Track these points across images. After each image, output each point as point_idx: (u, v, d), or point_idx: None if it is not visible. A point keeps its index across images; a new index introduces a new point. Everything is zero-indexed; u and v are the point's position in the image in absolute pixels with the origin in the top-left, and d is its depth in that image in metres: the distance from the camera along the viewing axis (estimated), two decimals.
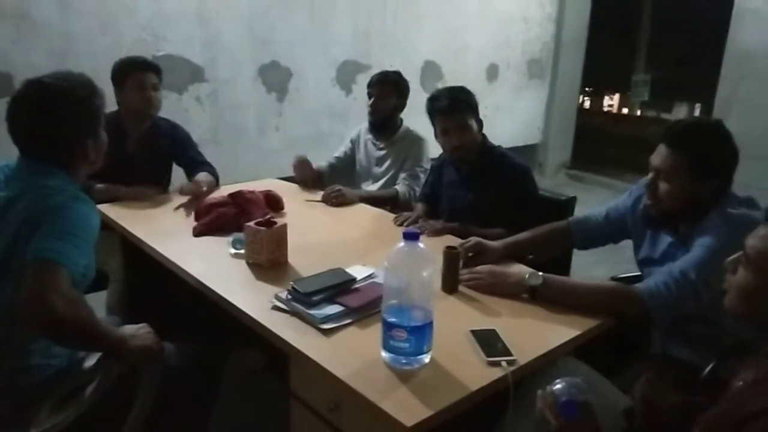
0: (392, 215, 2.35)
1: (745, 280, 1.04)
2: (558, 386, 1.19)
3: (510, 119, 5.84)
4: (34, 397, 1.41)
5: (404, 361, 1.26)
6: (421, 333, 1.25)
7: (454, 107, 2.18)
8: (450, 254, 1.64)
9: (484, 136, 2.29)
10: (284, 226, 1.79)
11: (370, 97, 2.78)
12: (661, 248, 1.70)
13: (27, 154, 1.46)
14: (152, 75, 2.49)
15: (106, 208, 2.25)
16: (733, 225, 1.48)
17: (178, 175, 2.77)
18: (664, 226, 1.65)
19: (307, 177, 2.76)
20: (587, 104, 9.41)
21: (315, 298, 1.48)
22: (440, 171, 2.43)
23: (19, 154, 1.48)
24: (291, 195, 2.55)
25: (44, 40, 3.31)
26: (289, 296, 1.51)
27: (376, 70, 4.68)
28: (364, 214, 2.41)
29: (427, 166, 2.75)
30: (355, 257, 1.82)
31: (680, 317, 1.58)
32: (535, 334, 1.45)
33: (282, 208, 2.32)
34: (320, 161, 3.02)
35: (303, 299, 1.48)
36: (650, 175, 1.61)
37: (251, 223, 1.76)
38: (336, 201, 2.46)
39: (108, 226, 2.22)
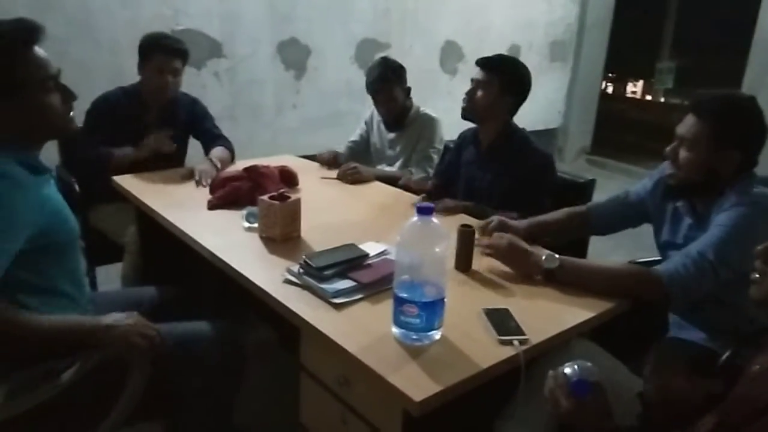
0: (406, 194, 2.32)
1: None
2: (569, 367, 1.17)
3: (530, 102, 5.65)
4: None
5: (415, 337, 1.25)
6: (433, 309, 1.23)
7: (486, 69, 2.19)
8: (464, 233, 1.62)
9: (510, 117, 2.25)
10: (298, 200, 1.78)
11: (375, 100, 2.74)
12: (682, 232, 1.67)
13: None
14: (176, 61, 2.46)
15: (121, 180, 2.26)
16: (751, 204, 1.45)
17: (194, 150, 2.77)
18: (681, 197, 1.61)
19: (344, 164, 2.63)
20: (610, 90, 9.26)
21: (327, 273, 1.47)
22: (460, 149, 2.39)
23: None
24: (307, 172, 2.54)
25: (61, 9, 3.31)
26: (301, 270, 1.50)
27: (395, 50, 4.64)
28: (379, 192, 2.40)
29: (440, 146, 2.72)
30: (369, 234, 1.80)
31: (697, 302, 1.54)
32: (549, 314, 1.43)
33: (297, 183, 2.31)
34: (338, 142, 3.00)
35: (315, 273, 1.47)
36: (674, 142, 1.57)
37: (265, 197, 1.76)
38: (351, 178, 2.44)
39: (123, 197, 2.23)
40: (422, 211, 1.22)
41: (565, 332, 1.37)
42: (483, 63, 2.20)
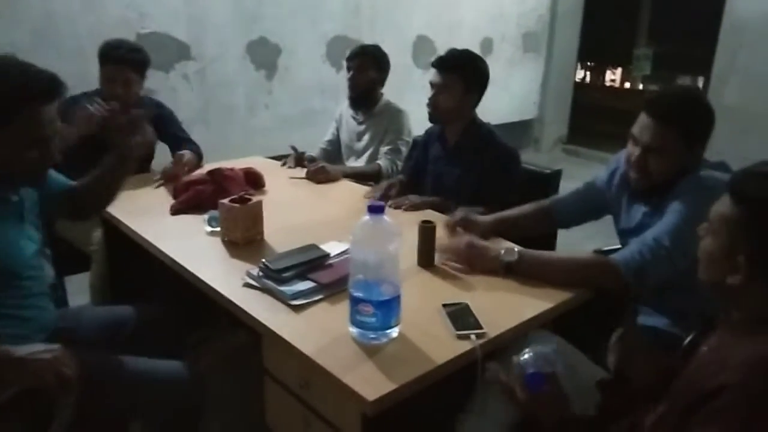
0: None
1: (708, 247, 1.02)
2: (525, 357, 1.18)
3: (505, 94, 5.77)
4: None
5: (371, 336, 1.25)
6: (388, 307, 1.23)
7: (443, 66, 2.16)
8: (425, 229, 1.62)
9: (475, 112, 2.25)
10: (259, 202, 1.77)
11: (349, 71, 2.73)
12: (636, 218, 1.68)
13: None
14: (126, 70, 2.38)
15: None
16: (704, 189, 1.46)
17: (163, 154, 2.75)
18: (653, 197, 1.62)
19: (312, 163, 2.58)
20: (588, 79, 9.29)
21: (286, 275, 1.46)
22: (426, 145, 2.39)
23: None
24: (274, 172, 2.53)
25: (26, 20, 3.27)
26: (261, 273, 1.49)
27: None
28: (346, 190, 2.39)
29: (409, 139, 2.72)
30: (333, 234, 1.79)
31: (659, 288, 1.56)
32: (509, 307, 1.43)
33: (263, 185, 2.29)
34: (312, 141, 2.99)
35: (274, 276, 1.46)
36: (638, 151, 1.55)
37: (226, 200, 1.74)
38: (319, 178, 2.43)
39: None
40: (373, 210, 1.22)
41: (524, 324, 1.38)
42: (441, 65, 2.17)
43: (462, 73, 2.15)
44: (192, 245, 1.75)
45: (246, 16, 4.07)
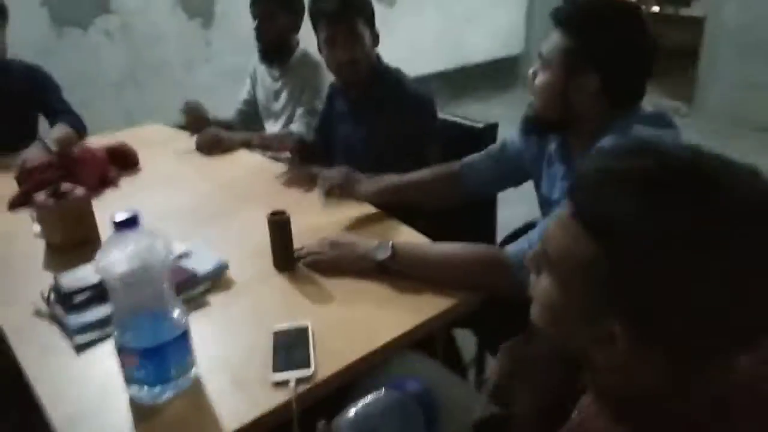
0: (273, 164, 1.95)
1: (548, 292, 0.65)
2: (343, 420, 0.86)
3: (484, 29, 5.23)
4: None
5: (145, 394, 0.92)
6: (161, 356, 0.89)
7: (344, 11, 1.71)
8: (276, 223, 1.26)
9: (378, 55, 1.84)
10: (85, 197, 1.42)
11: (254, 19, 2.28)
12: (557, 184, 1.30)
13: None
14: None
15: None
16: None
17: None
18: (536, 132, 1.29)
19: (202, 131, 2.15)
20: None
21: (78, 299, 1.13)
22: (331, 101, 1.99)
23: None
24: (169, 144, 2.17)
25: None
26: (53, 296, 1.16)
27: None
28: (239, 164, 1.99)
29: None
30: (196, 228, 1.49)
31: None
32: (367, 327, 1.08)
33: (135, 164, 1.93)
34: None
35: (63, 299, 1.13)
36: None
37: (41, 195, 1.40)
38: (211, 149, 2.07)
39: None
40: (123, 225, 0.87)
41: (379, 350, 1.04)
42: (341, 11, 1.68)
43: (364, 15, 1.73)
44: (8, 251, 1.42)
45: None
